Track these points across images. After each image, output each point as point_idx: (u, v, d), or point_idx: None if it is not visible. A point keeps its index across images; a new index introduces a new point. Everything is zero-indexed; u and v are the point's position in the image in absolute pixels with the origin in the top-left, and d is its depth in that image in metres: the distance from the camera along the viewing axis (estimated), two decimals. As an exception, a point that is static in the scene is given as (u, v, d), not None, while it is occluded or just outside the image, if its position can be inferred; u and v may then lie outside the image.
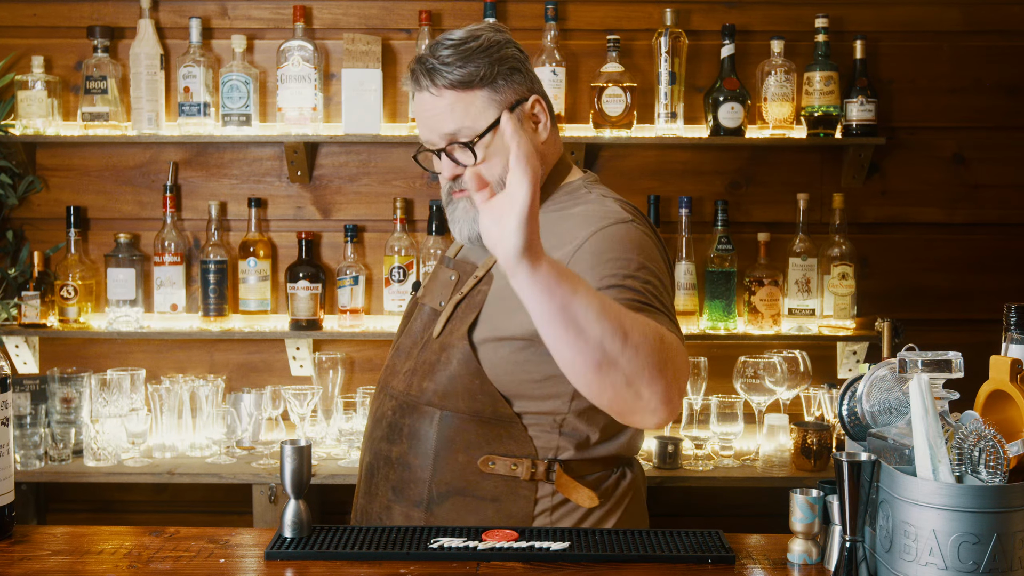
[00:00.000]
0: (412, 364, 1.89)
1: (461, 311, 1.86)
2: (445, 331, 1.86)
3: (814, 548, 1.51)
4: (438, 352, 1.85)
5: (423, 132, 1.86)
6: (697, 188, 3.16)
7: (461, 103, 1.80)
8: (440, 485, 1.81)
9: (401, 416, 1.86)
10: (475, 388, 1.80)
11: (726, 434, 2.83)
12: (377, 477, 1.88)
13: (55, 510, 3.19)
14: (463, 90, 1.80)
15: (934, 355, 1.38)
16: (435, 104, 1.81)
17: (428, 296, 1.97)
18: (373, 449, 1.91)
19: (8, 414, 1.59)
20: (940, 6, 3.16)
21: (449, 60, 1.80)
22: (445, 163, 1.85)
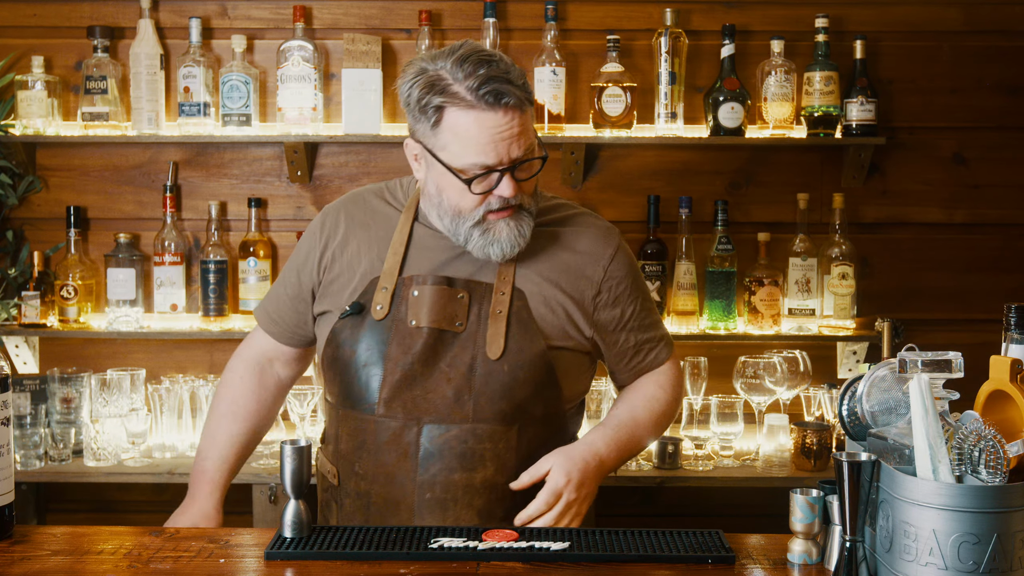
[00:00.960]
0: (460, 388, 1.85)
1: (517, 329, 1.87)
2: (509, 350, 1.85)
3: (814, 548, 1.51)
4: (509, 372, 1.85)
5: (495, 151, 1.80)
6: (697, 188, 3.16)
7: (528, 118, 1.84)
8: (522, 494, 1.87)
9: (477, 442, 1.84)
10: (551, 396, 1.90)
11: (726, 434, 2.83)
12: (456, 509, 1.85)
13: (55, 510, 3.19)
14: (527, 107, 1.83)
15: (934, 355, 1.38)
16: (518, 120, 1.80)
17: (424, 317, 1.87)
18: (436, 482, 1.84)
19: (8, 414, 1.59)
20: (940, 6, 3.16)
21: (519, 76, 1.82)
22: (507, 182, 1.82)
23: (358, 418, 1.90)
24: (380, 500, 1.88)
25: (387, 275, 1.92)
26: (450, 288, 1.89)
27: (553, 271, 1.93)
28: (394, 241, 1.95)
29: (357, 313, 1.91)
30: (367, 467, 1.89)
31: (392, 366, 1.86)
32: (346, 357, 1.90)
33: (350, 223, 2.01)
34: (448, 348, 1.87)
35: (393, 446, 1.86)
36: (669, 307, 3.09)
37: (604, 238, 2.00)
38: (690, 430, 2.83)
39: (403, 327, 1.88)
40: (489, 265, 1.91)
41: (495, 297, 1.89)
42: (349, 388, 1.91)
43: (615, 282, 1.97)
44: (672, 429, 2.90)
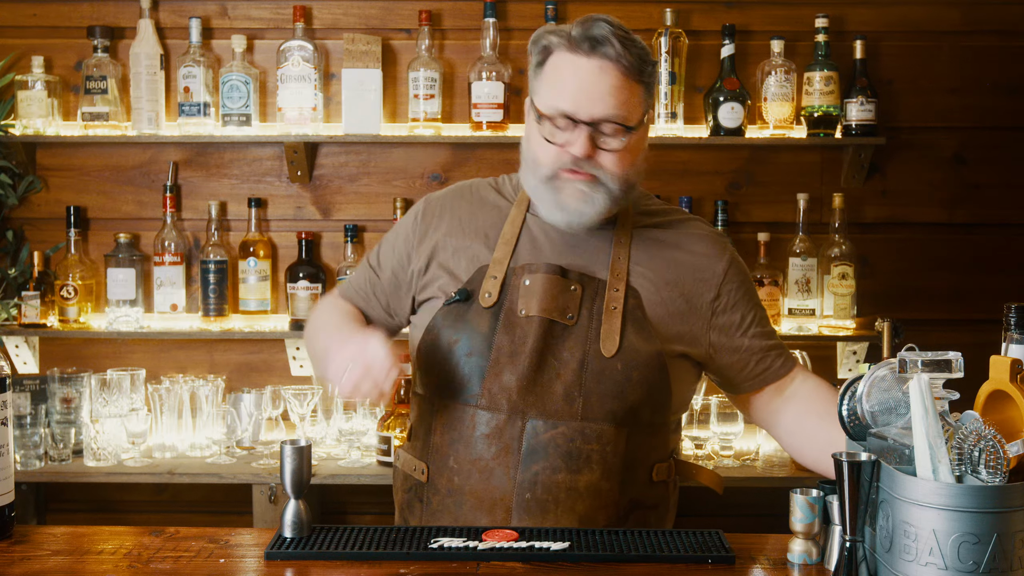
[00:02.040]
0: (571, 384, 1.78)
1: (632, 328, 1.82)
2: (625, 349, 1.79)
3: (814, 548, 1.51)
4: (623, 371, 1.79)
5: (577, 97, 1.76)
6: (697, 188, 3.16)
7: (628, 87, 1.78)
8: (625, 505, 1.82)
9: (584, 442, 1.76)
10: (661, 402, 1.84)
11: (726, 434, 2.83)
12: (557, 511, 1.76)
13: (55, 510, 3.19)
14: (633, 78, 1.79)
15: (934, 355, 1.38)
16: (603, 77, 1.76)
17: (535, 306, 1.81)
18: (538, 482, 1.76)
19: (8, 414, 1.59)
20: (940, 6, 3.16)
21: (633, 43, 1.79)
22: (582, 139, 1.77)
23: (457, 409, 1.81)
24: (474, 498, 1.78)
25: (497, 263, 1.86)
26: (563, 279, 1.83)
27: (668, 272, 1.88)
28: (505, 231, 1.90)
29: (464, 300, 1.84)
30: (463, 462, 1.79)
31: (499, 356, 1.79)
32: (448, 345, 1.82)
33: (455, 212, 1.96)
34: (558, 341, 1.80)
35: (494, 440, 1.77)
36: (669, 307, 3.09)
37: (719, 243, 1.95)
38: (690, 430, 2.83)
39: (512, 316, 1.81)
40: (601, 261, 1.86)
41: (609, 293, 1.82)
42: (449, 377, 1.82)
43: (734, 286, 1.91)
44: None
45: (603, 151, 1.79)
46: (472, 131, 3.04)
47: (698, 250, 1.92)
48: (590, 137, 1.77)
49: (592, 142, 1.78)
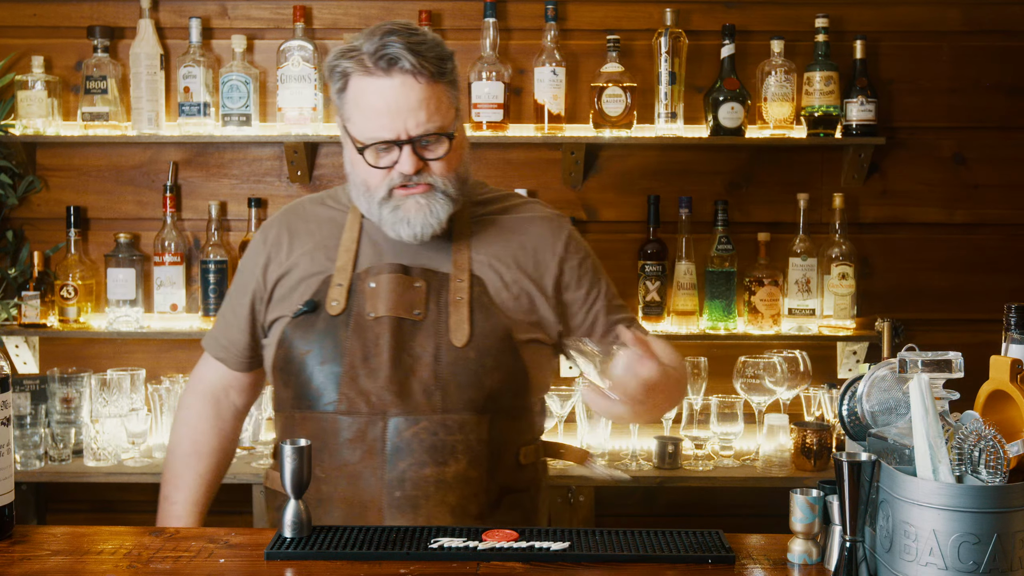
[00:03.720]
0: (427, 378, 1.80)
1: (480, 315, 1.84)
2: (476, 336, 1.82)
3: (814, 548, 1.51)
4: (476, 359, 1.81)
5: (387, 121, 1.77)
6: (697, 188, 3.16)
7: (435, 94, 1.79)
8: (495, 491, 1.85)
9: (447, 434, 1.79)
10: (519, 385, 1.87)
11: (726, 434, 2.83)
12: (428, 505, 1.79)
13: (55, 510, 3.19)
14: (437, 81, 1.80)
15: (934, 355, 1.38)
16: (413, 92, 1.77)
17: (382, 307, 1.83)
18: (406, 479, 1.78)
19: (8, 414, 1.59)
20: (940, 6, 3.16)
21: (427, 46, 1.79)
22: (408, 158, 1.79)
23: (317, 418, 1.83)
24: (345, 504, 1.81)
25: (341, 271, 1.88)
26: (406, 276, 1.86)
27: (510, 257, 1.91)
28: (344, 239, 1.92)
29: (312, 311, 1.86)
30: (329, 469, 1.81)
31: (351, 360, 1.81)
32: (300, 357, 1.85)
33: (293, 232, 1.96)
34: (409, 338, 1.82)
35: (358, 444, 1.80)
36: (669, 307, 3.09)
37: (556, 222, 1.99)
38: (690, 430, 2.83)
39: (361, 320, 1.83)
40: (442, 255, 1.89)
41: (453, 284, 1.85)
42: (305, 388, 1.84)
43: (575, 263, 1.95)
44: (672, 429, 2.90)
45: (430, 161, 1.81)
46: (472, 131, 3.03)
47: (536, 232, 1.95)
48: (414, 152, 1.79)
49: (417, 155, 1.80)
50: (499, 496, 1.86)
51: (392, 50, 1.75)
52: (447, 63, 1.81)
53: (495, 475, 1.84)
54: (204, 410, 2.05)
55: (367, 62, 1.77)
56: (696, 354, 2.97)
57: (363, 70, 1.78)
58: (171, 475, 2.03)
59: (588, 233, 3.16)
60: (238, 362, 2.02)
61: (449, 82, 1.82)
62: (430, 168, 1.81)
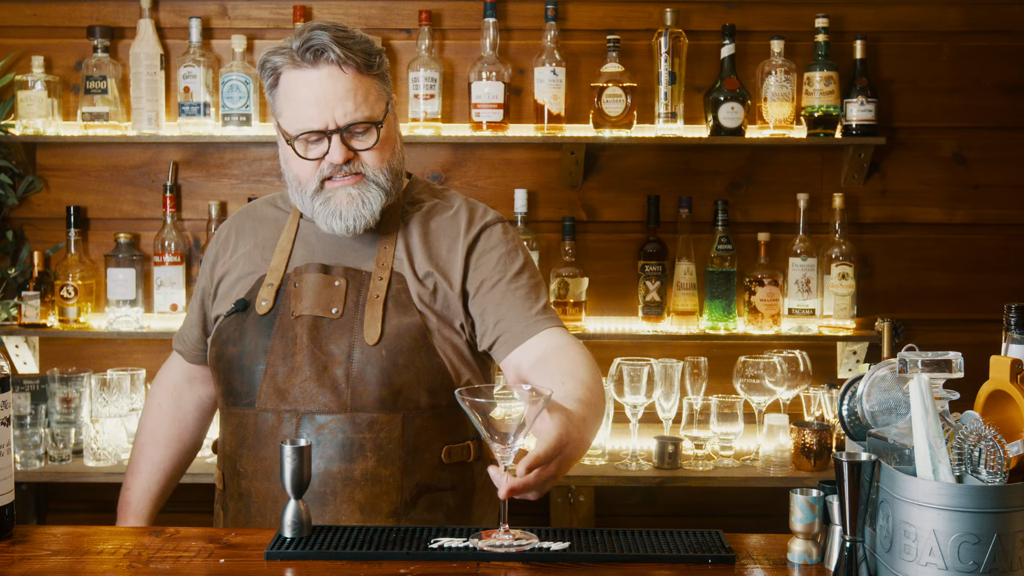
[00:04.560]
0: (341, 376, 1.82)
1: (394, 313, 1.84)
2: (387, 335, 1.83)
3: (814, 548, 1.51)
4: (388, 357, 1.82)
5: (316, 112, 1.79)
6: (697, 188, 3.16)
7: (363, 85, 1.82)
8: (411, 489, 1.84)
9: (355, 432, 1.81)
10: (436, 384, 1.85)
11: (726, 434, 2.83)
12: (336, 501, 1.81)
13: (55, 510, 3.19)
14: (364, 73, 1.82)
15: (934, 355, 1.38)
16: (340, 82, 1.80)
17: (302, 306, 1.85)
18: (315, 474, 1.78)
19: (8, 414, 1.59)
20: (940, 6, 3.16)
21: (354, 40, 1.82)
22: (337, 147, 1.81)
23: (240, 414, 1.87)
24: (260, 497, 1.84)
25: (273, 271, 1.91)
26: (327, 275, 1.88)
27: (429, 255, 1.90)
28: (281, 239, 1.95)
29: (242, 310, 1.90)
30: (247, 465, 1.85)
31: (274, 358, 1.84)
32: (230, 354, 1.88)
33: (239, 233, 2.01)
34: (325, 336, 1.84)
35: (271, 440, 1.82)
36: (669, 307, 3.09)
37: (473, 215, 1.95)
38: (690, 430, 2.83)
39: (286, 319, 1.86)
40: (369, 253, 1.90)
41: (373, 283, 1.87)
42: (232, 385, 1.88)
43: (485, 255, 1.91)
44: (672, 429, 2.90)
45: (360, 151, 1.83)
46: (472, 131, 3.04)
47: (452, 227, 1.93)
48: (343, 141, 1.82)
49: (346, 145, 1.82)
50: (417, 494, 1.85)
51: (317, 42, 1.79)
52: (374, 57, 1.84)
53: (411, 474, 1.84)
54: (164, 400, 2.10)
55: (295, 56, 1.80)
56: (696, 354, 2.97)
57: (292, 64, 1.82)
58: (129, 463, 2.11)
59: (588, 233, 3.17)
60: (193, 355, 2.08)
61: (378, 75, 1.85)
62: (361, 159, 1.84)
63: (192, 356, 2.08)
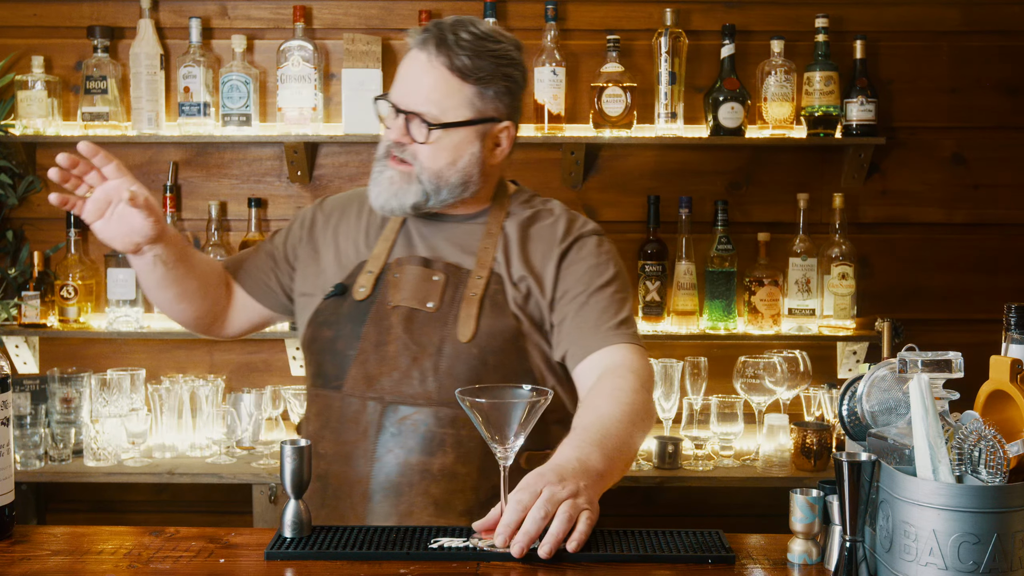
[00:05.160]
0: (429, 369, 1.83)
1: (490, 312, 1.85)
2: (481, 333, 1.84)
3: (814, 548, 1.51)
4: (478, 355, 1.83)
5: (400, 87, 1.87)
6: (697, 188, 3.16)
7: (446, 86, 1.85)
8: (487, 490, 1.83)
9: (437, 426, 1.81)
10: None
11: (726, 434, 2.83)
12: (412, 494, 1.81)
13: (55, 510, 3.19)
14: (456, 76, 1.84)
15: (934, 355, 1.38)
16: (426, 72, 1.84)
17: (399, 297, 1.88)
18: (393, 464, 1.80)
19: (8, 414, 1.59)
20: (940, 6, 3.16)
21: (463, 44, 1.84)
22: (397, 125, 1.86)
23: (326, 396, 1.89)
24: (337, 481, 1.85)
25: (375, 259, 1.94)
26: (427, 268, 1.90)
27: (524, 255, 1.92)
28: (386, 229, 1.98)
29: (340, 295, 1.92)
30: (328, 446, 1.87)
31: (366, 345, 1.86)
32: (324, 337, 1.91)
33: (345, 213, 2.04)
34: (418, 328, 1.85)
35: (354, 424, 1.84)
36: (669, 307, 3.09)
37: (571, 224, 1.98)
38: (690, 430, 2.83)
39: (382, 308, 1.88)
40: (471, 252, 1.92)
41: (471, 280, 1.88)
42: (322, 367, 1.91)
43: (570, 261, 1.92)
44: (672, 429, 2.90)
45: (413, 141, 1.86)
46: (472, 131, 3.03)
47: (550, 235, 1.95)
48: (406, 124, 1.86)
49: (407, 128, 1.86)
50: (492, 497, 1.81)
51: (434, 29, 1.85)
52: (484, 67, 1.85)
53: (489, 475, 1.82)
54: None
55: (417, 35, 1.88)
56: (696, 354, 2.97)
57: (413, 43, 1.89)
58: None
59: (588, 233, 3.16)
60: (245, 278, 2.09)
61: (477, 84, 1.85)
62: (416, 151, 1.86)
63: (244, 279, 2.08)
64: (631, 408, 1.72)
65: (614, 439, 1.67)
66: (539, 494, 1.49)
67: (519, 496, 1.48)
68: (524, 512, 1.47)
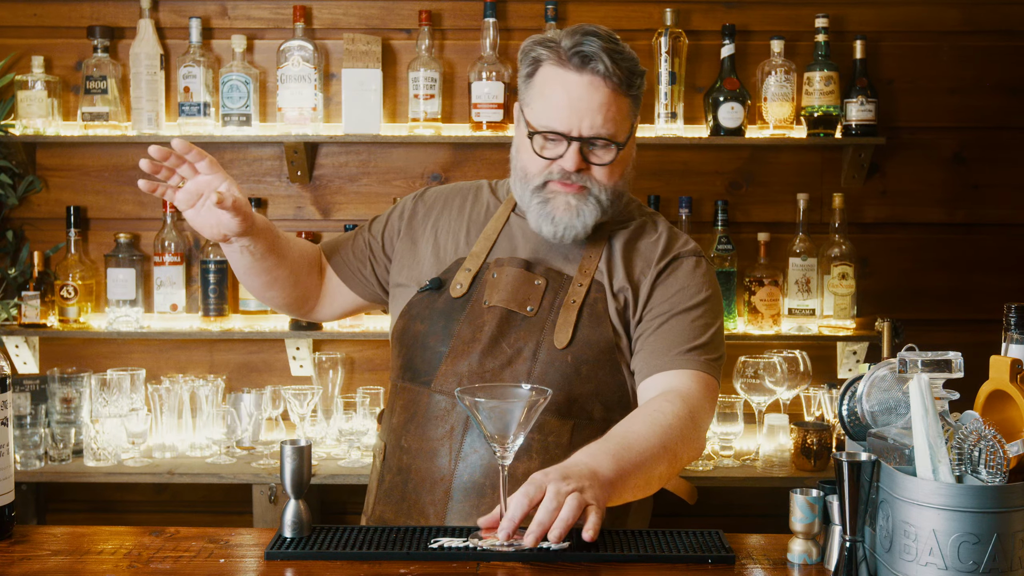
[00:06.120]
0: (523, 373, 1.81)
1: (588, 321, 1.84)
2: (577, 341, 1.83)
3: (814, 548, 1.51)
4: (572, 364, 1.82)
5: (566, 115, 1.80)
6: (697, 188, 3.16)
7: (617, 103, 1.82)
8: None
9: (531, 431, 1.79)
10: (613, 399, 1.85)
11: (726, 434, 2.83)
12: (493, 496, 1.80)
13: (55, 510, 3.19)
14: (622, 92, 1.82)
15: (934, 355, 1.38)
16: (598, 94, 1.80)
17: (497, 297, 1.87)
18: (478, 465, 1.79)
19: (8, 414, 1.59)
20: (940, 6, 3.16)
21: (623, 56, 1.82)
22: (572, 155, 1.81)
23: (413, 391, 1.88)
24: (419, 476, 1.84)
25: (474, 257, 1.93)
26: (528, 272, 1.89)
27: (626, 267, 1.91)
28: (488, 227, 1.96)
29: (436, 289, 1.91)
30: (412, 441, 1.86)
31: (458, 343, 1.85)
32: (416, 330, 1.90)
33: (448, 206, 2.02)
34: (514, 331, 1.85)
35: (441, 422, 1.83)
36: (669, 307, 3.09)
37: (672, 243, 1.96)
38: (690, 430, 2.82)
39: (477, 307, 1.88)
40: (573, 259, 1.91)
41: (572, 288, 1.87)
42: (412, 361, 1.90)
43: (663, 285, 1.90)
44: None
45: (593, 165, 1.83)
46: (472, 131, 3.04)
47: (651, 251, 1.94)
48: (580, 151, 1.81)
49: (582, 156, 1.82)
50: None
51: (589, 48, 1.79)
52: (637, 79, 1.84)
53: None
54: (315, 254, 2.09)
55: (562, 54, 1.80)
56: (696, 354, 2.97)
57: (557, 60, 1.81)
58: None
59: (588, 233, 3.16)
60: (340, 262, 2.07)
61: (633, 97, 1.85)
62: (591, 172, 1.84)
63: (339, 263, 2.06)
64: (664, 431, 1.70)
65: (634, 455, 1.65)
66: (544, 489, 1.50)
67: (525, 490, 1.49)
68: (530, 506, 1.48)
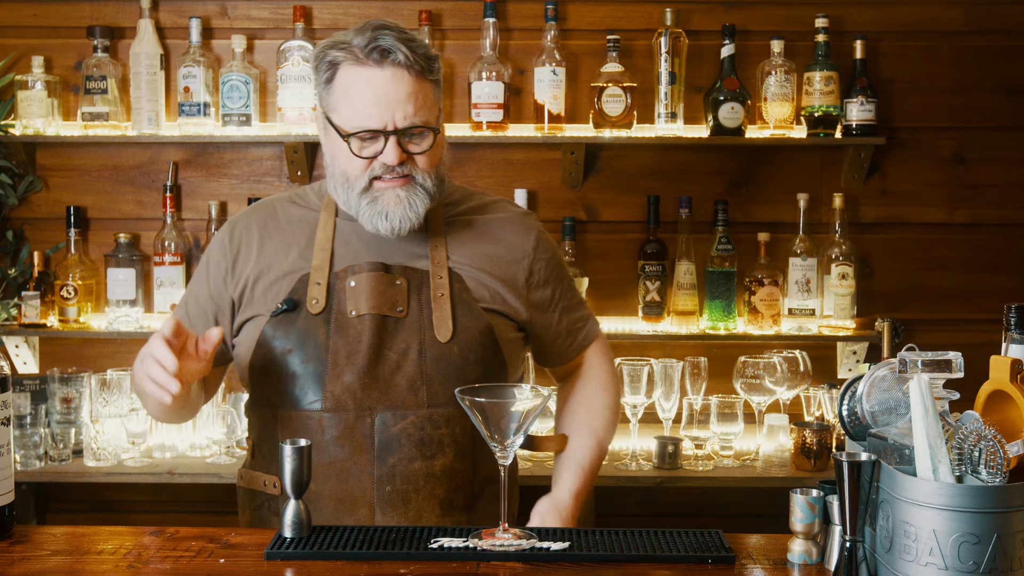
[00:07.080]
0: (412, 374, 1.82)
1: (461, 311, 1.87)
2: (459, 332, 1.85)
3: (814, 548, 1.51)
4: (460, 354, 1.84)
5: (376, 111, 1.79)
6: (697, 188, 3.16)
7: (423, 89, 1.83)
8: (480, 482, 1.89)
9: (434, 428, 1.82)
10: (499, 379, 1.89)
11: (726, 434, 2.83)
12: (419, 499, 1.82)
13: (55, 510, 3.19)
14: (425, 78, 1.83)
15: (934, 355, 1.38)
16: (403, 84, 1.80)
17: (363, 305, 1.84)
18: (396, 473, 1.81)
19: (8, 414, 1.59)
20: (940, 6, 3.16)
21: (417, 44, 1.82)
22: (392, 148, 1.81)
23: (302, 417, 1.83)
24: (334, 501, 1.82)
25: (318, 270, 1.88)
26: (387, 274, 1.87)
27: (483, 258, 1.94)
28: (319, 237, 1.92)
29: (292, 310, 1.85)
30: (316, 467, 1.78)
31: (336, 359, 1.82)
32: (282, 356, 1.84)
33: (263, 230, 1.96)
34: (392, 335, 1.84)
35: (346, 441, 1.81)
36: (669, 307, 3.09)
37: (525, 222, 2.03)
38: (690, 430, 2.83)
39: (343, 318, 1.84)
40: (418, 253, 1.91)
41: (433, 282, 1.88)
42: (289, 388, 1.84)
43: (543, 263, 1.99)
44: (672, 429, 2.90)
45: (414, 154, 1.84)
46: (472, 131, 3.04)
47: (507, 232, 1.98)
48: (398, 143, 1.82)
49: (401, 148, 1.83)
50: (483, 487, 1.90)
51: (385, 42, 1.79)
52: (434, 63, 1.86)
53: (479, 467, 1.88)
54: None
55: (359, 53, 1.80)
56: (696, 354, 2.97)
57: (354, 60, 1.81)
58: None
59: (588, 233, 3.17)
60: None
61: (434, 81, 1.86)
62: (413, 161, 1.85)
63: None
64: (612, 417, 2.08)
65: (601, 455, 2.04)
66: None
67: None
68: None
